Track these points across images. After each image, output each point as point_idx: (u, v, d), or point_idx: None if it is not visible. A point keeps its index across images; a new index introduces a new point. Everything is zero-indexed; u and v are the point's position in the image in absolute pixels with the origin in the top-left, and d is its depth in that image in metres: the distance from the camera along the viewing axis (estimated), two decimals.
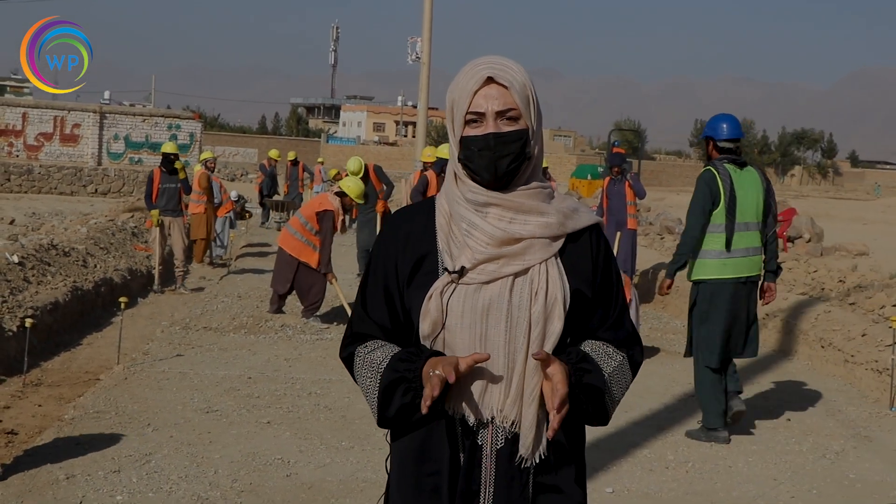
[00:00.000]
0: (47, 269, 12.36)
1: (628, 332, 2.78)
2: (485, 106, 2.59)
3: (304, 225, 12.29)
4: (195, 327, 11.55)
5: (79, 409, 7.88)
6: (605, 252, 2.76)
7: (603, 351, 2.71)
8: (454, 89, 2.65)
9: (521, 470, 2.61)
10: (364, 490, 6.34)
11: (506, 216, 2.62)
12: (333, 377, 9.41)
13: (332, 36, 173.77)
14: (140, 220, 20.38)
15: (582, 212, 2.74)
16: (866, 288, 12.52)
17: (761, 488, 6.78)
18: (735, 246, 7.82)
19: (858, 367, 10.13)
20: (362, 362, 2.71)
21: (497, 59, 2.64)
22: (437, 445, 2.63)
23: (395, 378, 2.61)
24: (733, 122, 8.10)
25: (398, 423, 2.67)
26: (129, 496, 5.99)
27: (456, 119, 2.64)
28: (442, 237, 2.69)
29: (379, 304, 2.74)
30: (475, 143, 2.61)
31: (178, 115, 38.87)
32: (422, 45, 32.95)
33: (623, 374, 2.73)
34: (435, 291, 2.61)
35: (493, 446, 2.60)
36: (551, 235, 2.64)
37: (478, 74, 2.60)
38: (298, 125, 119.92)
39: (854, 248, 22.97)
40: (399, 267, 2.72)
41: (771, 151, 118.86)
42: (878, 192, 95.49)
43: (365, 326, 2.77)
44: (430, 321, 2.61)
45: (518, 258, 2.60)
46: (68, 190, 35.57)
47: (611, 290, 2.76)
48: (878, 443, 8.07)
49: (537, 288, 2.59)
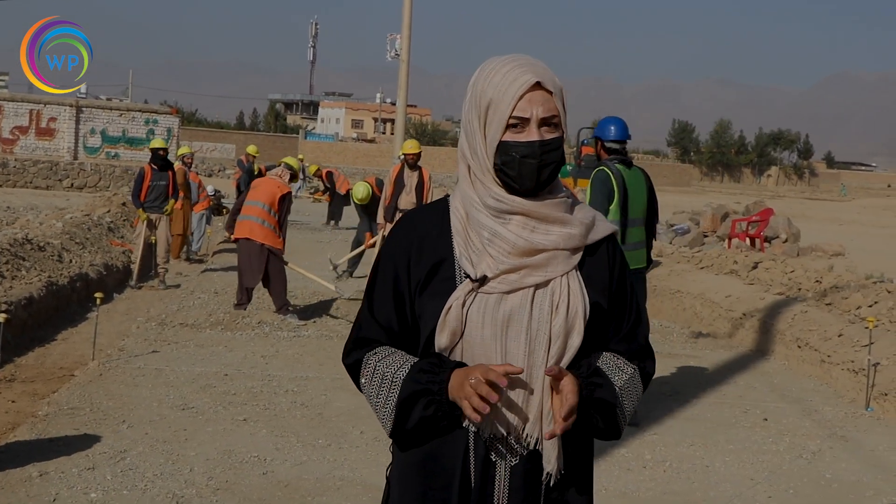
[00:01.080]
0: (22, 263, 12.25)
1: (641, 344, 2.71)
2: (530, 111, 2.48)
3: (268, 212, 12.14)
4: (171, 323, 11.47)
5: (53, 405, 7.80)
6: (620, 263, 2.70)
7: (614, 364, 2.63)
8: (490, 89, 2.51)
9: (535, 486, 2.54)
10: (340, 488, 6.31)
11: (528, 225, 2.53)
12: (310, 374, 9.37)
13: (310, 32, 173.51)
14: (117, 215, 20.26)
15: (600, 222, 2.67)
16: (843, 288, 12.56)
17: (738, 488, 6.78)
18: (628, 240, 8.21)
19: (835, 367, 10.17)
20: (372, 371, 2.61)
21: (533, 59, 2.54)
22: (447, 458, 2.54)
23: (418, 390, 2.51)
24: (620, 125, 8.55)
25: (414, 436, 2.57)
26: (104, 493, 5.93)
27: (492, 121, 2.51)
28: (459, 242, 2.59)
29: (387, 306, 2.64)
30: (518, 149, 2.49)
31: (156, 110, 38.71)
32: (401, 42, 32.89)
33: (634, 386, 2.65)
34: (455, 301, 2.52)
35: (507, 463, 2.53)
36: (573, 247, 2.57)
37: (523, 77, 2.48)
38: (276, 121, 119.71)
39: (830, 248, 23.13)
40: (412, 270, 2.62)
41: (748, 152, 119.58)
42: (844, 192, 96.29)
43: (371, 330, 2.67)
44: (448, 331, 2.53)
45: (540, 269, 2.52)
46: (44, 184, 35.39)
47: (625, 302, 2.69)
48: (854, 443, 8.10)
49: (558, 301, 2.52)
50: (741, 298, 13.54)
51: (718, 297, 13.98)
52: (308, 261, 18.21)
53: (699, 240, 24.88)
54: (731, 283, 14.82)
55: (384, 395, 2.57)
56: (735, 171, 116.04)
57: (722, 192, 78.17)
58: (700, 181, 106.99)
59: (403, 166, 14.24)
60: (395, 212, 14.08)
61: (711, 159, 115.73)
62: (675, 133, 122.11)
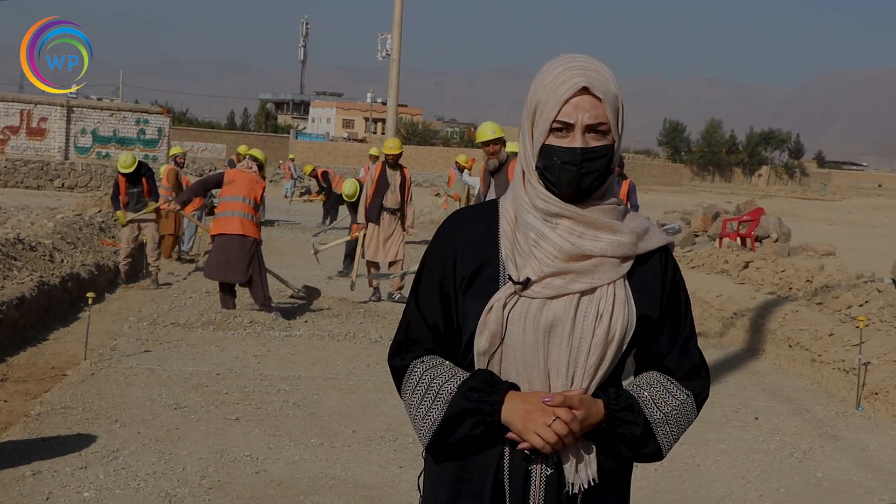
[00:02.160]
0: (13, 263, 12.23)
1: (694, 361, 2.64)
2: (575, 117, 2.42)
3: (250, 206, 12.15)
4: (163, 323, 11.47)
5: (45, 404, 7.80)
6: (673, 274, 2.63)
7: (664, 389, 2.58)
8: (540, 90, 2.47)
9: (569, 497, 2.48)
10: (333, 487, 6.32)
11: (576, 230, 2.48)
12: (302, 374, 9.37)
13: (301, 31, 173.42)
14: (107, 215, 20.24)
15: (653, 232, 2.60)
16: (833, 288, 12.60)
17: (729, 487, 6.81)
18: None
19: (825, 366, 10.20)
20: (417, 380, 2.57)
21: (591, 63, 2.46)
22: (481, 466, 2.51)
23: (469, 409, 2.46)
24: None
25: (452, 450, 2.54)
26: (97, 493, 5.93)
27: (539, 123, 2.47)
28: (506, 244, 2.54)
29: (434, 305, 2.60)
30: (559, 154, 2.44)
31: (147, 110, 38.61)
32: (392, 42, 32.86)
33: (684, 412, 2.59)
34: (496, 303, 2.47)
35: (543, 472, 2.48)
36: (622, 255, 2.50)
37: (571, 80, 2.42)
38: (267, 121, 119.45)
39: (821, 247, 23.19)
40: (458, 270, 2.57)
41: (739, 151, 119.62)
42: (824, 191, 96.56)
43: (417, 331, 2.63)
44: (488, 335, 2.48)
45: (586, 276, 2.47)
46: (34, 184, 35.30)
47: (679, 315, 2.63)
48: (845, 442, 8.13)
49: (602, 311, 2.45)
50: (732, 298, 13.58)
51: (709, 296, 14.02)
52: (299, 260, 18.25)
53: (690, 239, 24.92)
54: (723, 282, 14.87)
55: (426, 407, 2.53)
56: (726, 171, 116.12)
57: (713, 192, 78.31)
58: (691, 181, 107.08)
59: (384, 166, 14.32)
60: (380, 211, 14.18)
61: (702, 159, 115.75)
62: (667, 132, 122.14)
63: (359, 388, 8.91)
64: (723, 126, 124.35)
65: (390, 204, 14.14)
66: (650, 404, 2.54)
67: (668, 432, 2.55)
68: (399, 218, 14.39)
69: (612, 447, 2.50)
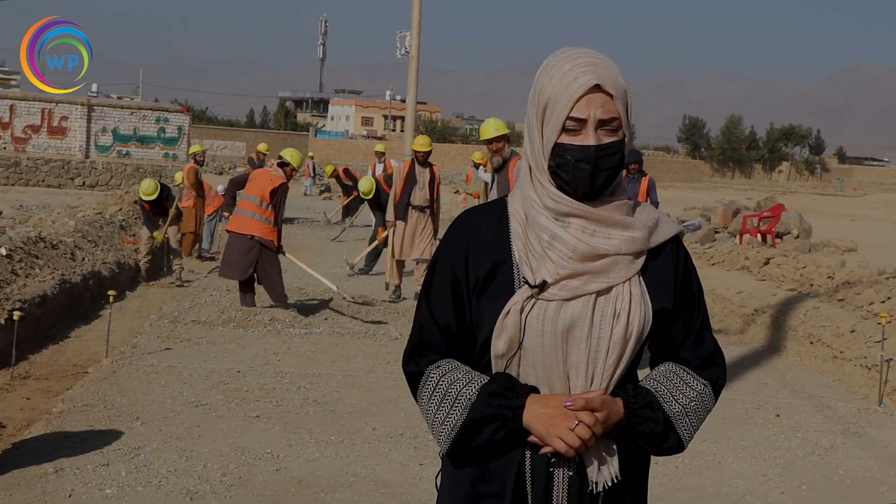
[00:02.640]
0: (35, 261, 12.29)
1: (709, 350, 2.62)
2: (587, 113, 2.39)
3: (259, 205, 12.10)
4: (184, 321, 11.51)
5: (67, 402, 7.84)
6: (685, 263, 2.61)
7: (681, 380, 2.57)
8: (549, 88, 2.44)
9: (591, 497, 2.47)
10: (354, 485, 6.33)
11: (588, 228, 2.46)
12: (322, 371, 9.39)
13: (320, 29, 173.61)
14: (129, 213, 20.32)
15: (664, 223, 2.59)
16: (855, 284, 12.53)
17: (751, 484, 6.78)
18: None
19: (847, 363, 10.15)
20: (434, 386, 2.54)
21: (597, 57, 2.44)
22: (501, 467, 2.50)
23: (490, 415, 2.44)
24: None
25: (473, 456, 2.52)
26: (118, 490, 5.96)
27: (549, 122, 2.44)
28: (519, 246, 2.51)
29: (446, 308, 2.58)
30: (573, 152, 2.41)
31: (167, 108, 38.75)
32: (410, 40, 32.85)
33: (702, 402, 2.58)
34: (514, 307, 2.44)
35: (565, 473, 2.46)
36: (636, 251, 2.49)
37: (582, 78, 2.39)
38: (286, 119, 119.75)
39: (842, 244, 23.05)
40: (470, 272, 2.54)
41: (759, 147, 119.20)
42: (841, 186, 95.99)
43: (431, 334, 2.60)
44: (506, 338, 2.45)
45: (602, 276, 2.44)
46: (56, 182, 35.50)
47: (692, 304, 2.61)
48: (867, 439, 8.09)
49: (619, 309, 2.44)
50: (753, 294, 13.53)
51: (730, 293, 13.98)
52: (319, 258, 18.26)
53: (710, 236, 24.82)
54: (743, 279, 14.82)
55: (444, 412, 2.51)
56: (746, 167, 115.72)
57: (733, 188, 78.02)
58: (711, 177, 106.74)
59: (413, 163, 14.06)
60: (408, 208, 13.93)
61: (722, 155, 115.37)
62: (686, 129, 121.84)
63: (379, 386, 8.92)
64: (742, 122, 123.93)
65: (418, 201, 13.93)
66: (668, 398, 2.52)
67: (688, 424, 2.54)
68: (429, 216, 14.10)
69: (631, 443, 2.49)
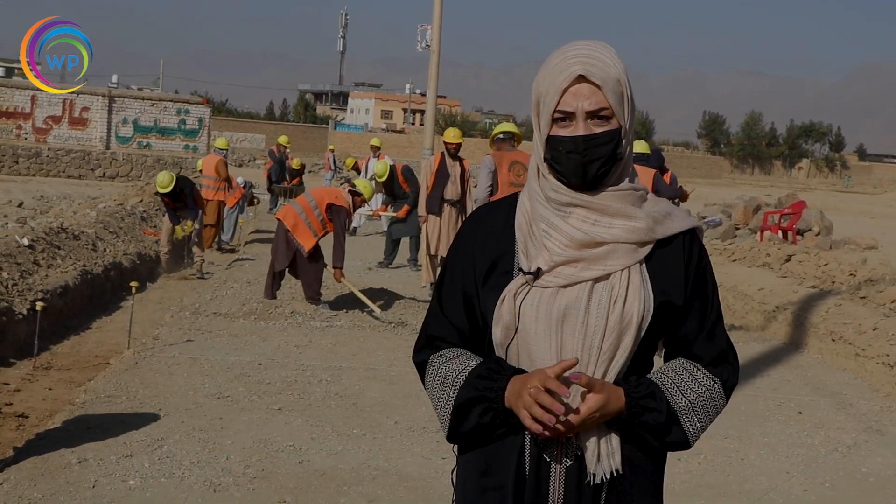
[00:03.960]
0: (57, 252, 12.35)
1: (721, 348, 2.60)
2: (574, 105, 2.41)
3: (312, 208, 12.03)
4: (205, 313, 11.51)
5: (90, 393, 7.85)
6: (698, 259, 2.58)
7: (690, 375, 2.54)
8: (541, 82, 2.46)
9: (591, 489, 2.45)
10: (376, 478, 6.33)
11: (589, 218, 2.46)
12: (344, 364, 9.39)
13: (340, 22, 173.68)
14: (150, 205, 20.38)
15: (675, 216, 2.55)
16: (877, 282, 12.47)
17: (774, 481, 6.76)
18: None
19: (869, 360, 10.10)
20: (435, 373, 2.58)
21: (589, 49, 2.43)
22: (503, 459, 2.50)
23: (473, 397, 2.48)
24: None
25: (471, 440, 2.55)
26: (142, 481, 5.97)
27: (542, 115, 2.46)
28: (520, 236, 2.54)
29: (456, 305, 2.62)
30: (563, 144, 2.43)
31: (188, 100, 38.81)
32: (431, 33, 32.84)
33: (711, 399, 2.54)
34: (508, 294, 2.47)
35: (562, 464, 2.46)
36: (637, 241, 2.47)
37: (568, 70, 2.40)
38: (306, 112, 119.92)
39: (863, 241, 22.93)
40: (476, 266, 2.58)
41: (779, 144, 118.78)
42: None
43: (441, 328, 2.65)
44: (502, 326, 2.48)
45: (599, 263, 2.44)
46: (76, 173, 35.63)
47: (704, 300, 2.58)
48: (890, 437, 8.05)
49: (616, 296, 2.42)
50: (774, 291, 13.48)
51: (751, 289, 13.92)
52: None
53: (731, 232, 24.72)
54: (764, 275, 14.76)
55: (444, 398, 2.54)
56: (766, 164, 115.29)
57: (752, 185, 77.75)
58: (730, 173, 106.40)
59: (444, 156, 13.88)
60: (441, 202, 13.72)
61: (742, 151, 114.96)
62: (706, 125, 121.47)
63: (400, 379, 8.92)
64: (763, 118, 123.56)
65: (450, 196, 13.71)
66: (675, 391, 2.50)
67: (695, 420, 2.51)
68: (459, 210, 13.88)
69: (639, 438, 2.47)
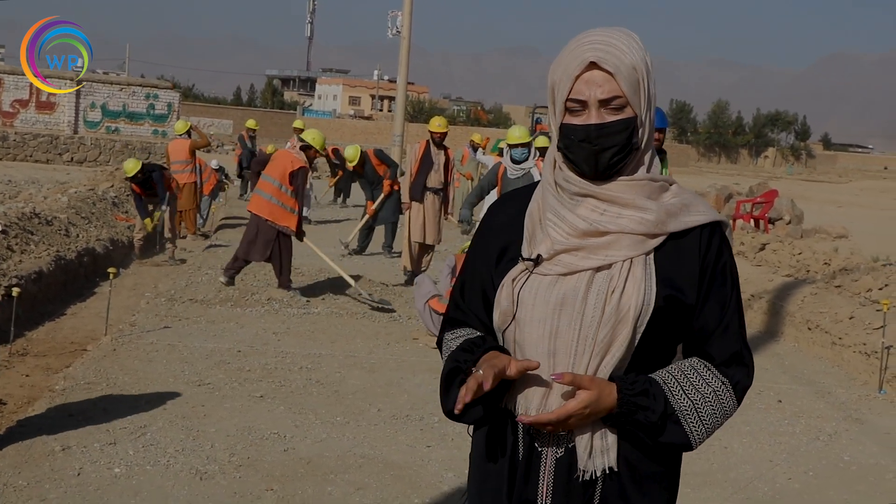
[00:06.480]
0: (30, 237, 12.21)
1: (735, 348, 2.48)
2: (586, 93, 2.37)
3: (278, 188, 11.89)
4: (180, 299, 11.41)
5: (69, 379, 7.78)
6: (717, 253, 2.47)
7: (698, 376, 2.44)
8: (556, 70, 2.42)
9: (582, 483, 2.41)
10: (362, 466, 6.30)
11: (599, 207, 2.42)
12: (323, 351, 9.35)
13: (308, 8, 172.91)
14: (121, 190, 20.20)
15: (694, 209, 2.47)
16: (852, 271, 12.55)
17: (758, 469, 6.79)
18: None
19: (846, 349, 10.17)
20: (445, 351, 2.62)
21: (605, 36, 2.38)
22: (500, 445, 2.50)
23: (453, 368, 2.49)
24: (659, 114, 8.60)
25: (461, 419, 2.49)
26: (127, 469, 5.92)
27: (557, 104, 2.43)
28: (529, 225, 2.52)
29: (475, 292, 2.63)
30: (575, 132, 2.40)
31: (156, 85, 38.51)
32: (402, 20, 32.78)
33: (718, 401, 2.44)
34: (507, 280, 2.47)
35: (553, 454, 2.43)
36: (646, 232, 2.40)
37: (580, 56, 2.36)
38: (273, 97, 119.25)
39: (833, 230, 23.11)
40: (490, 253, 2.59)
41: (745, 133, 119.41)
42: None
43: (459, 312, 2.67)
44: (500, 311, 2.48)
45: (600, 252, 2.39)
46: (44, 158, 35.25)
47: (722, 298, 2.48)
48: (870, 425, 8.11)
49: (614, 286, 2.37)
50: (749, 280, 13.53)
51: None
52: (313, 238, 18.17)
53: None
54: (739, 264, 14.69)
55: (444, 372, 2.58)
56: (732, 152, 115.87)
57: (719, 173, 78.07)
58: (697, 161, 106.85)
59: (429, 145, 13.86)
60: (424, 190, 13.74)
61: (709, 140, 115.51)
62: (674, 113, 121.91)
63: (380, 367, 8.89)
64: (729, 107, 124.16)
65: (434, 184, 13.72)
66: (678, 391, 2.41)
67: (698, 421, 2.41)
68: (442, 198, 13.93)
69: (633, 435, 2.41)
